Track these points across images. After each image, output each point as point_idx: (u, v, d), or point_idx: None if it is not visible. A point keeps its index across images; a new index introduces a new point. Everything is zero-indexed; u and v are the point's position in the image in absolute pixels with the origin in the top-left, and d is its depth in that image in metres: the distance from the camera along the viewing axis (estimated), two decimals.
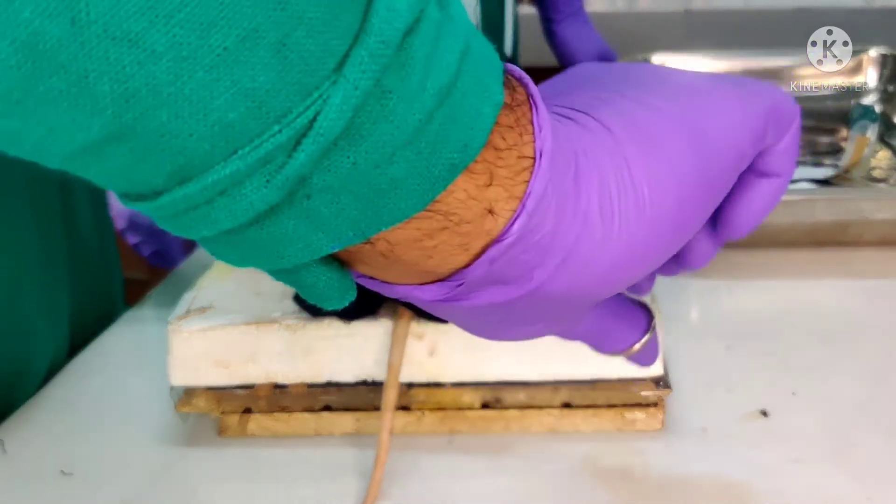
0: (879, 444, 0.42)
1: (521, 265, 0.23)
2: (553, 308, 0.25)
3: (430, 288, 0.23)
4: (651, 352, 0.33)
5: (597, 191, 0.23)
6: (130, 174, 0.18)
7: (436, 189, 0.20)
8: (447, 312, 0.25)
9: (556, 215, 0.22)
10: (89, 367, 0.53)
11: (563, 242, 0.23)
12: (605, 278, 0.24)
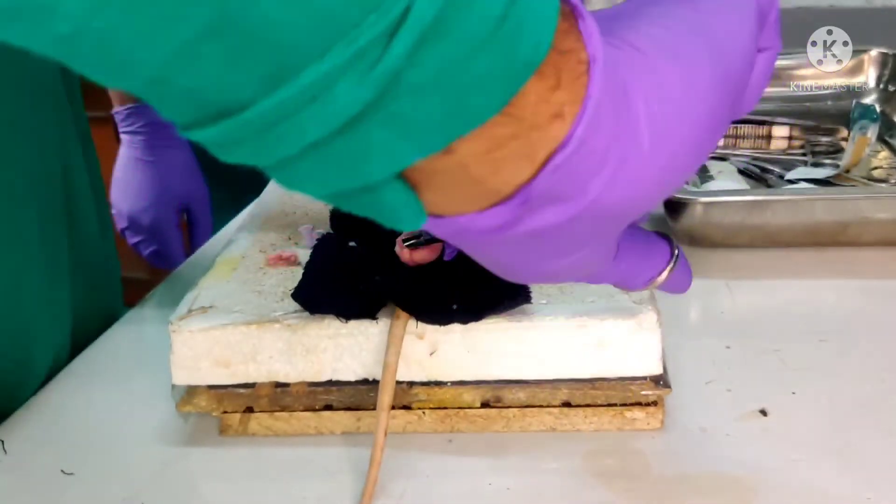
0: (879, 444, 0.42)
1: (580, 175, 0.23)
2: (602, 228, 0.26)
3: (491, 212, 0.23)
4: (683, 277, 0.34)
5: (642, 102, 0.24)
6: (221, 81, 0.18)
7: (515, 85, 0.21)
8: (489, 247, 0.26)
9: (611, 122, 0.23)
10: (90, 367, 0.53)
11: (618, 151, 0.24)
12: (654, 186, 0.25)
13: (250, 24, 0.17)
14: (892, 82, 0.88)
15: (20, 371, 0.50)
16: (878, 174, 0.72)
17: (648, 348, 0.42)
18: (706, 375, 0.48)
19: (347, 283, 0.44)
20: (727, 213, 0.60)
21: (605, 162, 0.23)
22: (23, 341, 0.50)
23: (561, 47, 0.22)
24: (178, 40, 0.17)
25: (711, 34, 0.27)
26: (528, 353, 0.42)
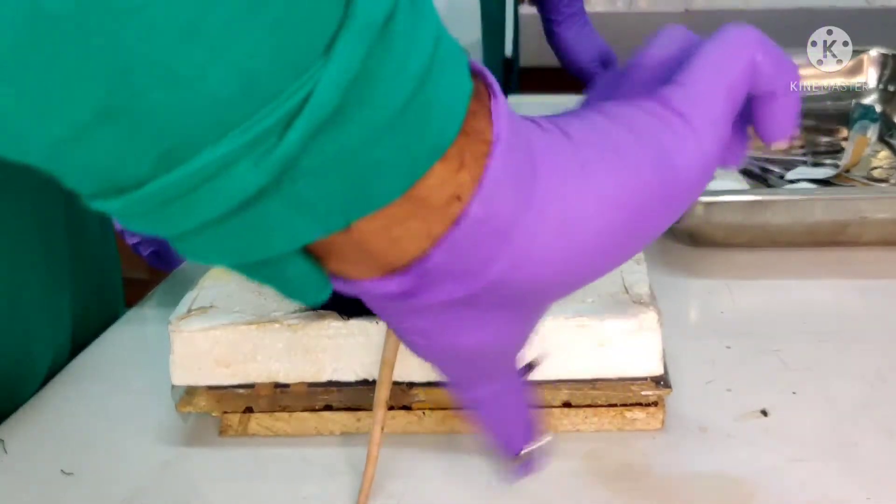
0: (879, 443, 0.42)
1: (479, 252, 0.23)
2: (513, 305, 0.26)
3: (392, 280, 0.23)
4: (530, 467, 0.34)
5: (554, 187, 0.24)
6: (116, 161, 0.18)
7: (418, 171, 0.21)
8: (400, 316, 0.26)
9: (513, 203, 0.23)
10: (90, 366, 0.53)
11: (521, 232, 0.23)
12: (562, 272, 0.25)
13: (143, 110, 0.17)
14: (892, 82, 0.88)
15: (20, 370, 0.50)
16: (878, 174, 0.72)
17: (649, 348, 0.42)
18: (706, 375, 0.48)
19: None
20: (727, 213, 0.61)
21: (506, 241, 0.23)
22: (23, 341, 0.50)
23: (468, 128, 0.22)
24: (72, 123, 0.17)
25: (651, 140, 0.26)
26: (529, 353, 0.42)
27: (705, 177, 0.27)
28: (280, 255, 0.22)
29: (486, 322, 0.26)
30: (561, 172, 0.24)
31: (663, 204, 0.26)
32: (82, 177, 0.19)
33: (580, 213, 0.24)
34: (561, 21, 1.31)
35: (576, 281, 0.26)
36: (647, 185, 0.25)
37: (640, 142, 0.26)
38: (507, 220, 0.23)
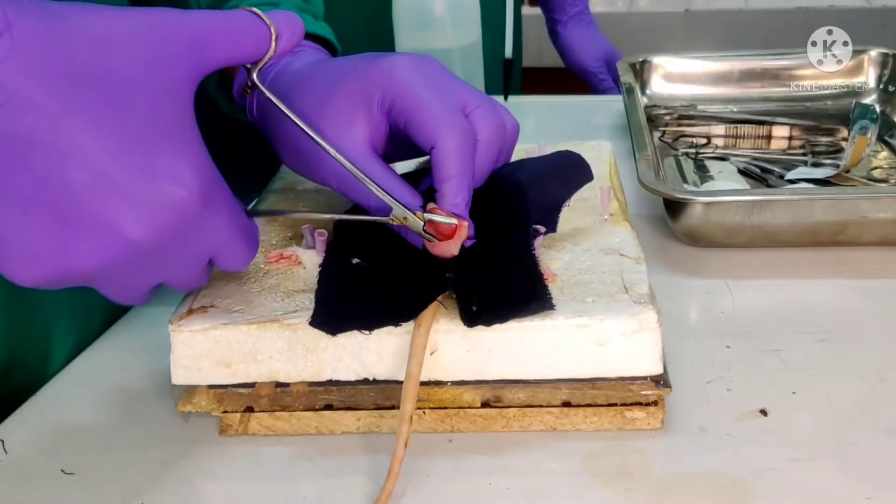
0: (879, 443, 0.42)
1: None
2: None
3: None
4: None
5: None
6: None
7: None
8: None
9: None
10: (90, 366, 0.53)
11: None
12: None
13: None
14: (892, 82, 0.88)
15: (38, 363, 0.52)
16: (878, 174, 0.72)
17: (649, 348, 0.42)
18: (706, 375, 0.48)
19: (366, 300, 0.44)
20: (727, 213, 0.61)
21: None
22: (40, 338, 0.52)
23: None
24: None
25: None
26: (528, 353, 0.42)
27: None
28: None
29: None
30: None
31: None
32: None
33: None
34: (565, 21, 1.31)
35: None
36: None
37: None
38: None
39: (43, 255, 0.34)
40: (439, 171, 0.43)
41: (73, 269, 0.34)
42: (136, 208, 0.33)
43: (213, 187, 0.36)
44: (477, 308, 0.42)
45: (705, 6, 1.98)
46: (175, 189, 0.34)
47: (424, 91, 0.44)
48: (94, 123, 0.33)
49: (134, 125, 0.33)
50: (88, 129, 0.33)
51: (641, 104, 0.82)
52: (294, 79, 0.50)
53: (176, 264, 0.37)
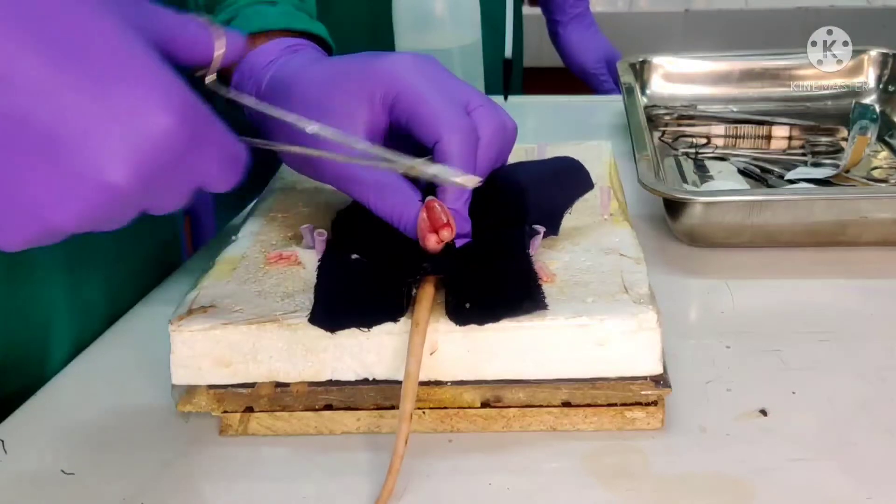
0: (879, 443, 0.42)
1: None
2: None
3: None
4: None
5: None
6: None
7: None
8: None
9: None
10: (90, 366, 0.53)
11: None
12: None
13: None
14: (892, 82, 0.88)
15: (34, 365, 0.52)
16: (878, 174, 0.72)
17: (648, 348, 0.42)
18: (706, 375, 0.48)
19: (363, 295, 0.44)
20: (727, 213, 0.61)
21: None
22: (38, 337, 0.52)
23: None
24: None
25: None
26: (528, 353, 0.42)
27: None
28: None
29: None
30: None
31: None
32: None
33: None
34: (566, 22, 1.31)
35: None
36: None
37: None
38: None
39: (22, 212, 0.32)
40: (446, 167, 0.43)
41: (52, 222, 0.32)
42: (112, 147, 0.31)
43: (194, 112, 0.33)
44: (470, 306, 0.42)
45: (705, 6, 1.98)
46: (154, 119, 0.31)
47: (428, 88, 0.45)
48: (51, 59, 0.31)
49: (96, 58, 0.31)
50: (47, 65, 0.30)
51: (641, 104, 0.82)
52: (294, 76, 0.50)
53: (161, 196, 0.35)
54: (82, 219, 0.32)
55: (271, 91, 0.51)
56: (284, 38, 0.54)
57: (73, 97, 0.31)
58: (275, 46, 0.54)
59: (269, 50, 0.54)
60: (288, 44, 0.54)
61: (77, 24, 0.32)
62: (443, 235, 0.43)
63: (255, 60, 0.53)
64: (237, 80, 0.54)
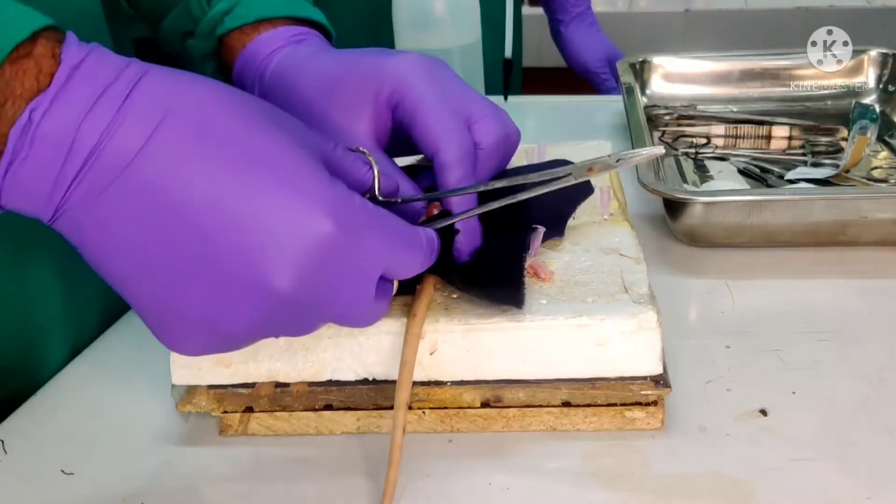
0: (879, 443, 0.42)
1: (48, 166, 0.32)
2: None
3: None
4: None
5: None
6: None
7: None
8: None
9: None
10: (90, 366, 0.53)
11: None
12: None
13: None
14: (892, 82, 0.88)
15: (33, 358, 0.52)
16: (877, 174, 0.72)
17: (648, 348, 0.42)
18: (706, 375, 0.48)
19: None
20: (727, 213, 0.61)
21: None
22: (35, 338, 0.52)
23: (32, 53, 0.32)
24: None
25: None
26: (529, 353, 0.42)
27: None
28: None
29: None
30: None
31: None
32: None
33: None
34: (568, 21, 1.31)
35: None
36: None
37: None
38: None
39: (196, 323, 0.33)
40: (442, 180, 0.44)
41: (226, 330, 0.33)
42: (271, 254, 0.32)
43: (351, 213, 0.34)
44: (455, 299, 0.42)
45: (705, 6, 1.98)
46: (309, 228, 0.32)
47: (432, 96, 0.45)
48: (221, 175, 0.32)
49: (259, 173, 0.33)
50: (217, 182, 0.32)
51: (641, 104, 0.82)
52: (299, 67, 0.50)
53: (338, 301, 0.35)
54: (252, 325, 0.33)
55: (275, 81, 0.51)
56: (288, 27, 0.55)
57: (240, 210, 0.32)
58: (279, 35, 0.54)
59: (272, 38, 0.54)
60: (292, 33, 0.54)
61: (254, 146, 0.33)
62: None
63: (259, 49, 0.54)
64: (240, 67, 0.55)
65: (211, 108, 0.33)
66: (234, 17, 0.55)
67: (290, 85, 0.50)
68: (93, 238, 0.33)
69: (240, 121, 0.33)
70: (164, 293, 0.33)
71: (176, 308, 0.33)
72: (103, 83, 0.32)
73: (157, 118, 0.32)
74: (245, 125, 0.33)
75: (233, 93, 0.35)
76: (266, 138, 0.33)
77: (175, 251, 0.32)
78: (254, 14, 0.55)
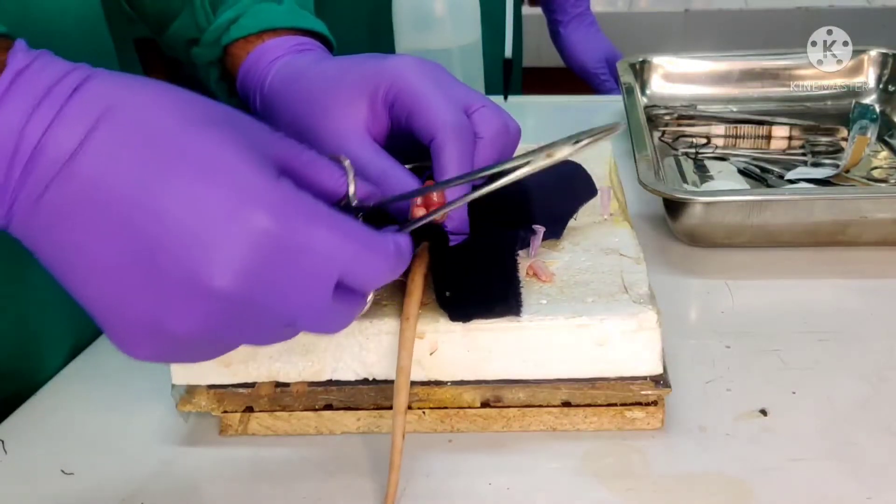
0: (879, 443, 0.42)
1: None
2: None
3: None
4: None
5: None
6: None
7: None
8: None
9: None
10: (90, 366, 0.53)
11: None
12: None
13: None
14: (892, 82, 0.88)
15: (30, 361, 0.51)
16: (877, 174, 0.72)
17: (648, 348, 0.42)
18: (706, 375, 0.48)
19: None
20: (727, 213, 0.61)
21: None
22: (35, 339, 0.52)
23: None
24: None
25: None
26: (528, 352, 0.42)
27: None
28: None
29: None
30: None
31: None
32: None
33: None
34: (567, 22, 1.31)
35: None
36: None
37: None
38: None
39: (143, 324, 0.33)
40: (438, 165, 0.43)
41: (173, 332, 0.33)
42: (212, 252, 0.31)
43: (293, 209, 0.33)
44: (449, 295, 0.42)
45: (705, 6, 1.98)
46: (243, 222, 0.32)
47: (427, 87, 0.45)
48: (153, 173, 0.32)
49: (192, 170, 0.32)
50: (149, 180, 0.32)
51: (641, 104, 0.82)
52: (298, 74, 0.51)
53: (288, 302, 0.33)
54: (197, 326, 0.33)
55: (275, 88, 0.52)
56: (291, 37, 0.55)
57: (173, 207, 0.31)
58: (281, 44, 0.55)
59: (275, 47, 0.55)
60: (294, 42, 0.55)
61: (191, 144, 0.33)
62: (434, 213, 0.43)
63: (261, 57, 0.54)
64: (242, 75, 0.55)
65: (151, 107, 0.33)
66: (239, 26, 0.56)
67: (289, 91, 0.50)
68: (41, 240, 0.33)
69: (178, 119, 0.33)
70: (109, 293, 0.33)
71: (121, 309, 0.33)
72: (46, 86, 0.32)
73: (94, 117, 0.32)
74: (183, 123, 0.33)
75: (177, 93, 0.34)
76: (204, 136, 0.33)
77: (113, 250, 0.32)
78: (259, 24, 0.55)
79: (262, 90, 0.53)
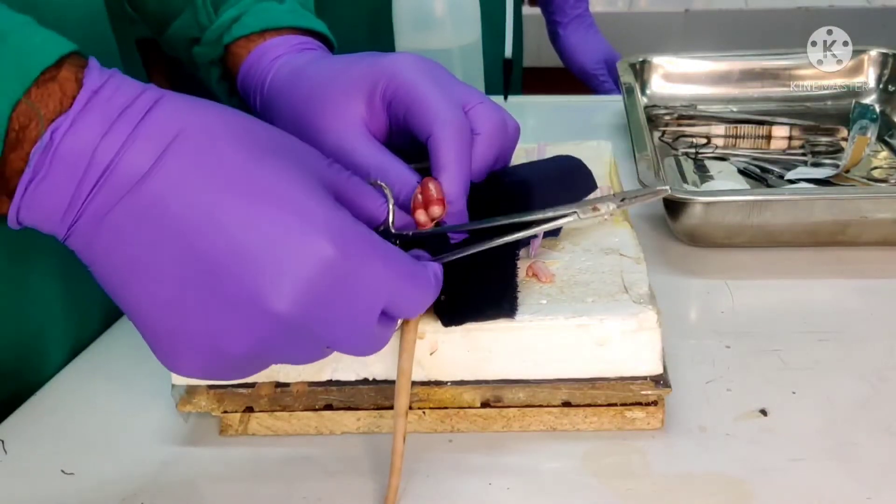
0: (879, 443, 0.42)
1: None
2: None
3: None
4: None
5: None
6: None
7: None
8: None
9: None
10: (90, 366, 0.53)
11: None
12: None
13: None
14: (892, 82, 0.88)
15: (33, 359, 0.51)
16: (877, 174, 0.72)
17: (648, 348, 0.42)
18: (706, 375, 0.48)
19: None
20: (727, 213, 0.61)
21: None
22: (35, 339, 0.52)
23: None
24: None
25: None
26: (529, 352, 0.42)
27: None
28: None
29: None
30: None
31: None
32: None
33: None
34: (566, 23, 1.31)
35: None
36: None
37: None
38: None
39: (197, 343, 0.34)
40: (435, 160, 0.44)
41: (227, 352, 0.34)
42: (273, 276, 0.32)
43: (354, 240, 0.34)
44: (444, 299, 0.42)
45: (705, 6, 1.98)
46: (308, 250, 0.33)
47: (425, 84, 0.45)
48: (222, 198, 0.33)
49: (260, 197, 0.33)
50: (218, 204, 0.33)
51: (641, 104, 0.81)
52: (297, 73, 0.51)
53: (337, 327, 0.35)
54: (251, 347, 0.34)
55: (276, 86, 0.52)
56: (292, 36, 0.56)
57: (240, 231, 0.33)
58: (282, 43, 0.55)
59: (276, 46, 0.55)
60: (295, 42, 0.55)
61: (257, 171, 0.34)
62: (433, 212, 0.43)
63: (262, 56, 0.55)
64: (243, 74, 0.55)
65: (218, 133, 0.34)
66: (241, 25, 0.56)
67: (289, 89, 0.50)
68: (101, 256, 0.34)
69: (246, 145, 0.34)
70: (165, 312, 0.34)
71: (177, 327, 0.34)
72: (120, 106, 0.33)
73: (166, 141, 0.33)
74: (250, 150, 0.34)
75: (238, 118, 0.36)
76: (268, 164, 0.34)
77: (176, 270, 0.33)
78: (261, 23, 0.56)
79: (262, 89, 0.53)
